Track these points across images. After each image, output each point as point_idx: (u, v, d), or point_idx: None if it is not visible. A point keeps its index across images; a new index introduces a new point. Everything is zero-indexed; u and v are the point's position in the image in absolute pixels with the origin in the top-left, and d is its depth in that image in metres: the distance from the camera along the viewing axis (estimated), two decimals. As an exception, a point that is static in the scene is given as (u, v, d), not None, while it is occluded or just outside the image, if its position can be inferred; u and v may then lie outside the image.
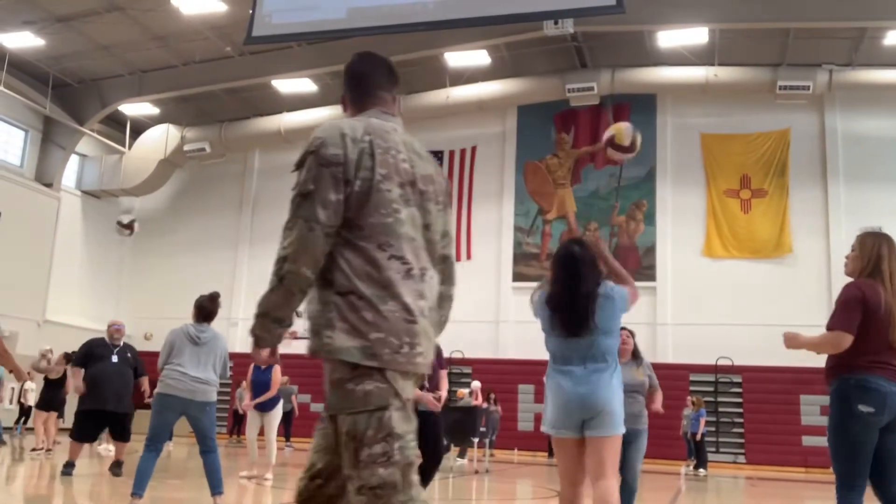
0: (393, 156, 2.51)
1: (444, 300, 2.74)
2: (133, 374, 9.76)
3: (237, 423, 20.31)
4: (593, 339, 3.93)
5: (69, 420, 14.65)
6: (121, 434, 9.65)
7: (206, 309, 6.45)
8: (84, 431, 9.62)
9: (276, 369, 9.86)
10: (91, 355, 9.55)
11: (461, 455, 15.72)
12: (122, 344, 9.86)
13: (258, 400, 9.93)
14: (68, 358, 13.22)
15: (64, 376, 13.12)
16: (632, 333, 6.06)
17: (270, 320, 2.44)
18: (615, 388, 3.93)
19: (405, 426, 2.39)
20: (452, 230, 2.81)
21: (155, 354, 6.52)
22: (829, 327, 4.13)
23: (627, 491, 5.98)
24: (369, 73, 2.78)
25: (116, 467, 9.37)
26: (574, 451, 3.99)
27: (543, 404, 4.17)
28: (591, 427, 3.88)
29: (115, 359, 9.58)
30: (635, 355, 6.05)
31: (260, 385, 9.99)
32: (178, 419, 6.36)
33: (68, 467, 9.32)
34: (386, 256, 2.43)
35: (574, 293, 3.98)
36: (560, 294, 4.04)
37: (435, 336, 2.57)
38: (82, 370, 9.57)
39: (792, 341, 4.35)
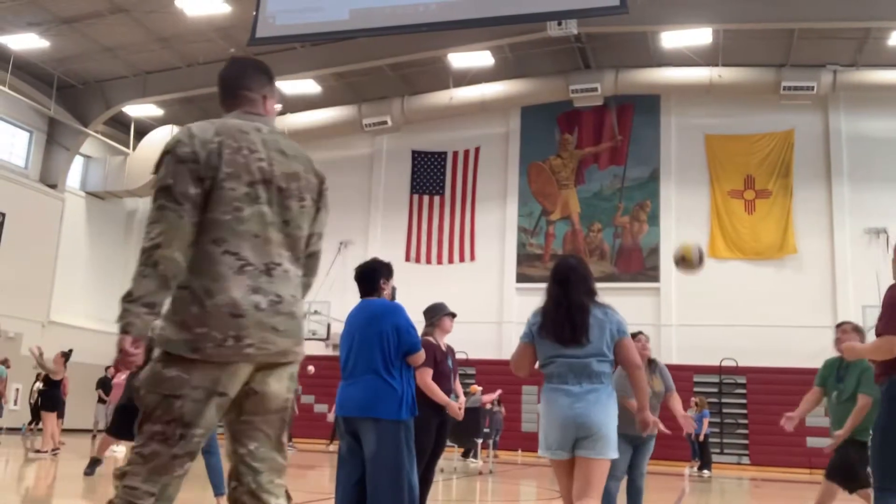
0: (244, 155, 2.58)
1: (304, 288, 2.82)
2: None
3: None
4: (587, 358, 3.89)
5: (68, 420, 14.72)
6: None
7: None
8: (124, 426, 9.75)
9: None
10: None
11: (465, 455, 15.72)
12: None
13: None
14: (66, 357, 13.23)
15: (63, 378, 13.13)
16: (647, 338, 6.08)
17: (140, 304, 2.44)
18: (610, 411, 3.89)
19: (199, 419, 2.44)
20: (323, 229, 2.90)
21: (115, 336, 6.46)
22: (878, 332, 4.11)
23: (635, 490, 6.00)
24: (234, 76, 2.90)
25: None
26: (571, 473, 3.92)
27: (541, 424, 4.06)
28: (582, 447, 3.83)
29: None
30: (650, 361, 6.01)
31: None
32: None
33: (94, 464, 9.47)
34: (220, 252, 2.50)
35: (566, 302, 3.99)
36: (551, 303, 4.06)
37: (288, 325, 2.61)
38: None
39: (851, 353, 4.70)
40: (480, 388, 17.25)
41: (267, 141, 2.68)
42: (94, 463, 9.43)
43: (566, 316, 3.95)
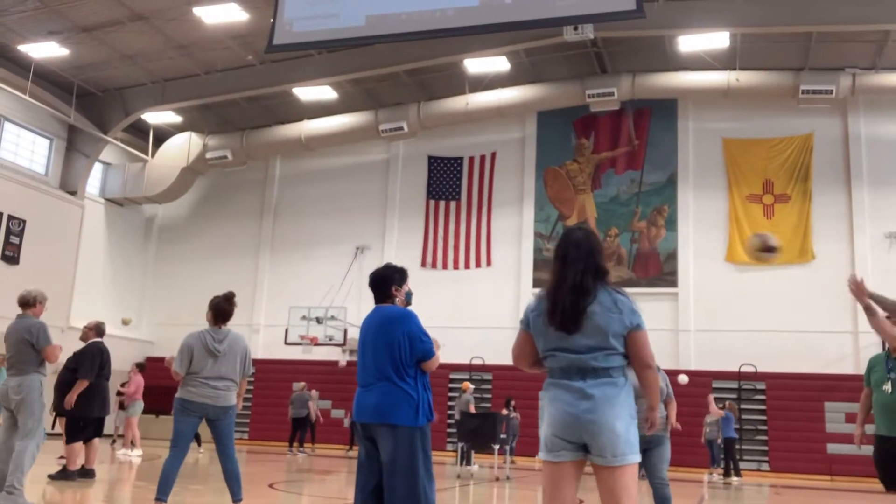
0: None
1: None
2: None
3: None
4: (590, 353, 3.30)
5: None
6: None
7: (223, 310, 6.38)
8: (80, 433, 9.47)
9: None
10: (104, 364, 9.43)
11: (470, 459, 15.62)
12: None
13: None
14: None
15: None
16: None
17: None
18: (624, 408, 3.27)
19: None
20: None
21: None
22: None
23: (660, 499, 5.85)
24: None
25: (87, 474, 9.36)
26: (570, 479, 3.34)
27: (541, 424, 3.46)
28: (596, 453, 3.25)
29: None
30: None
31: None
32: (200, 423, 6.35)
33: (87, 474, 9.39)
34: None
35: (565, 280, 3.39)
36: (552, 283, 3.45)
37: None
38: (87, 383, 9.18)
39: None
40: (473, 387, 17.27)
41: None
42: (88, 473, 9.34)
43: (569, 295, 3.35)
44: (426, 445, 4.58)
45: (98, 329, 9.42)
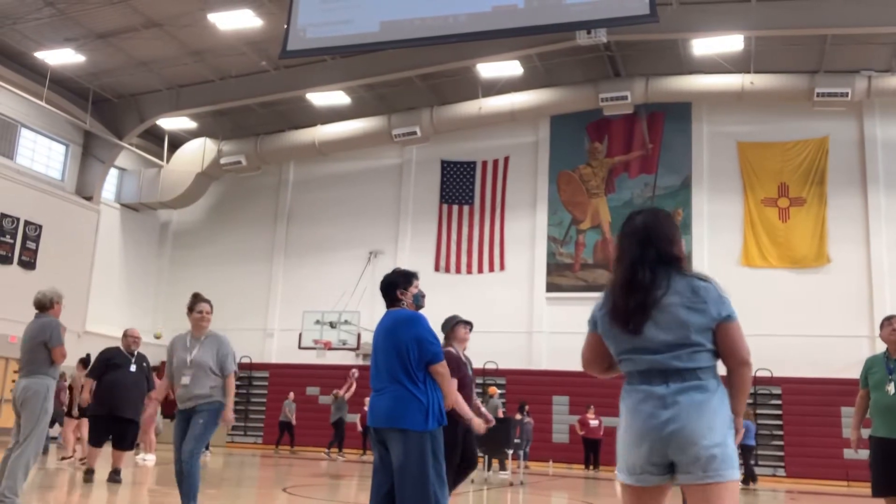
0: None
1: None
2: (147, 385, 9.84)
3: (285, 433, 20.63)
4: (669, 352, 2.84)
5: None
6: (121, 442, 9.67)
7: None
8: (96, 436, 9.79)
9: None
10: (109, 365, 9.65)
11: (492, 466, 15.62)
12: (136, 353, 9.95)
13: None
14: (85, 364, 13.33)
15: None
16: None
17: None
18: (719, 415, 2.78)
19: None
20: None
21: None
22: None
23: None
24: None
25: (116, 475, 9.44)
26: None
27: (618, 439, 2.95)
28: (685, 470, 2.73)
29: (132, 368, 9.72)
30: None
31: None
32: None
33: (88, 474, 9.47)
34: None
35: (623, 274, 2.96)
36: (617, 276, 3.01)
37: None
38: (94, 381, 9.66)
39: None
40: (499, 392, 17.21)
41: None
42: (89, 472, 9.47)
43: (627, 292, 2.91)
44: (437, 450, 4.55)
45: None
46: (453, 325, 6.55)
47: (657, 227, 3.02)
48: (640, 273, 2.91)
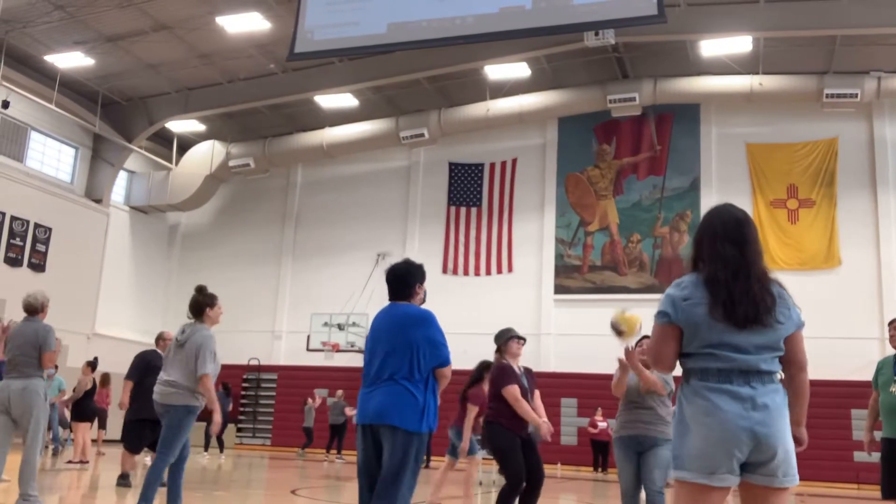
0: None
1: None
2: None
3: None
4: (762, 352, 2.84)
5: (113, 431, 14.82)
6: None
7: (195, 302, 6.28)
8: (133, 440, 9.45)
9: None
10: (149, 367, 9.27)
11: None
12: None
13: None
14: (93, 366, 13.33)
15: (94, 387, 13.24)
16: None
17: None
18: (788, 419, 2.85)
19: None
20: None
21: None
22: None
23: None
24: None
25: (124, 479, 9.39)
26: None
27: (681, 438, 2.86)
28: (760, 472, 2.77)
29: None
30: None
31: None
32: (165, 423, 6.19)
33: (123, 479, 9.36)
34: None
35: (747, 269, 2.91)
36: (727, 270, 2.90)
37: None
38: (132, 383, 9.36)
39: None
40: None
41: None
42: (124, 476, 9.41)
43: (747, 287, 2.86)
44: (419, 455, 4.42)
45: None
46: (506, 339, 6.55)
47: (753, 225, 3.04)
48: (765, 268, 2.94)
